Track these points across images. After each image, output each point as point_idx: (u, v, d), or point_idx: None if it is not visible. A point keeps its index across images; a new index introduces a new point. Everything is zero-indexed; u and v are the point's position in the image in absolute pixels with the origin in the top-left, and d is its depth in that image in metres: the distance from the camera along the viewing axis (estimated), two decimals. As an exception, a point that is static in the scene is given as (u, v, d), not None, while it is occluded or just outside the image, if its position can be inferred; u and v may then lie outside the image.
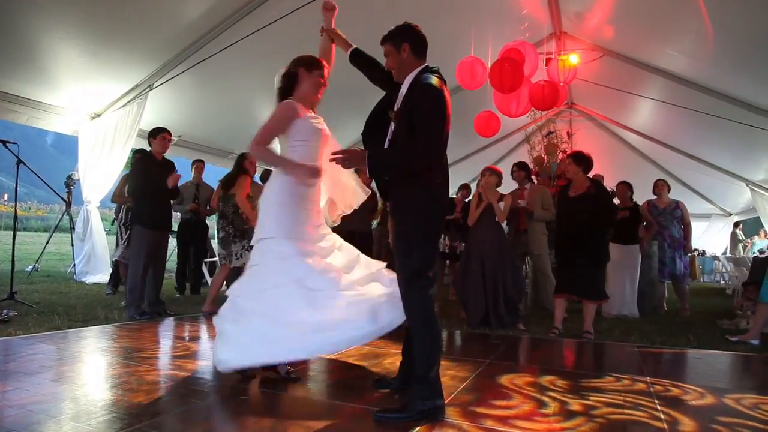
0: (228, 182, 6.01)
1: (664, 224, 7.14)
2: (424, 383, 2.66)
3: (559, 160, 8.15)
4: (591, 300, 5.26)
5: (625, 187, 7.05)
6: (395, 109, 2.88)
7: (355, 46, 3.37)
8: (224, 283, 5.98)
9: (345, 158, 2.79)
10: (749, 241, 13.95)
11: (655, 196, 7.33)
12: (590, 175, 5.43)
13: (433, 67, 2.91)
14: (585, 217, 5.15)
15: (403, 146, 2.77)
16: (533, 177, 7.40)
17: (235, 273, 5.60)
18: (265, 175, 7.40)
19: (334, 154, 2.82)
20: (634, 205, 6.92)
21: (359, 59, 3.33)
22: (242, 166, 6.01)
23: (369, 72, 3.29)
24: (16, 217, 6.21)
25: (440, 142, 2.71)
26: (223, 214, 6.01)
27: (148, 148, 6.01)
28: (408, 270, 2.74)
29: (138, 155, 6.41)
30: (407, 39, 2.91)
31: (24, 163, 5.89)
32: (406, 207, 2.80)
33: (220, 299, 3.97)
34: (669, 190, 7.39)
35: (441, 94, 2.73)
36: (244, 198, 5.84)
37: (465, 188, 8.62)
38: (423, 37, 2.95)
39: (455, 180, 8.90)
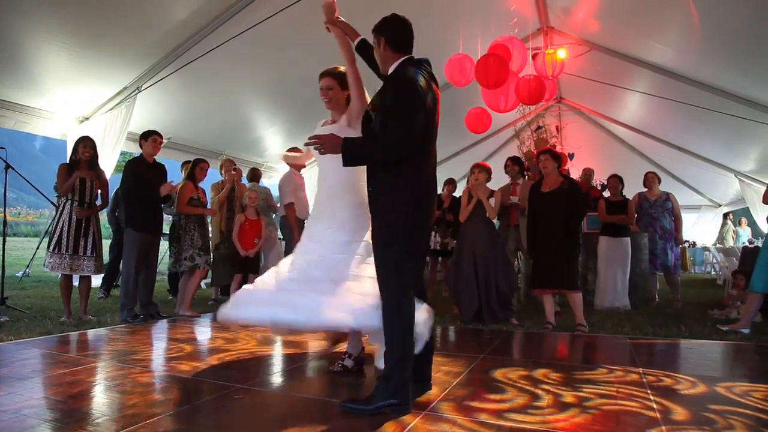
0: None
1: (655, 216, 7.17)
2: (388, 383, 2.68)
3: (533, 156, 8.17)
4: (567, 290, 5.32)
5: (616, 181, 7.09)
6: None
7: (362, 37, 3.30)
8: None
9: (320, 143, 2.79)
10: (734, 228, 14.08)
11: (646, 189, 7.37)
12: (581, 168, 5.47)
13: (419, 59, 2.91)
14: (559, 212, 5.26)
15: (377, 136, 2.77)
16: (525, 172, 7.42)
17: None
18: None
19: (309, 138, 2.85)
20: (623, 199, 6.96)
21: (365, 50, 3.25)
22: (189, 172, 6.27)
23: (372, 64, 3.21)
24: (5, 223, 6.14)
25: (413, 132, 2.66)
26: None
27: (136, 152, 5.97)
28: (384, 273, 2.78)
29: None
30: (383, 33, 2.93)
31: (13, 168, 5.85)
32: (385, 205, 2.80)
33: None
34: (659, 182, 7.43)
35: (412, 85, 2.72)
36: (182, 203, 5.98)
37: (450, 183, 8.62)
38: (403, 30, 2.93)
39: (445, 176, 8.94)
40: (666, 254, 7.08)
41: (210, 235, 6.44)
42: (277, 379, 3.44)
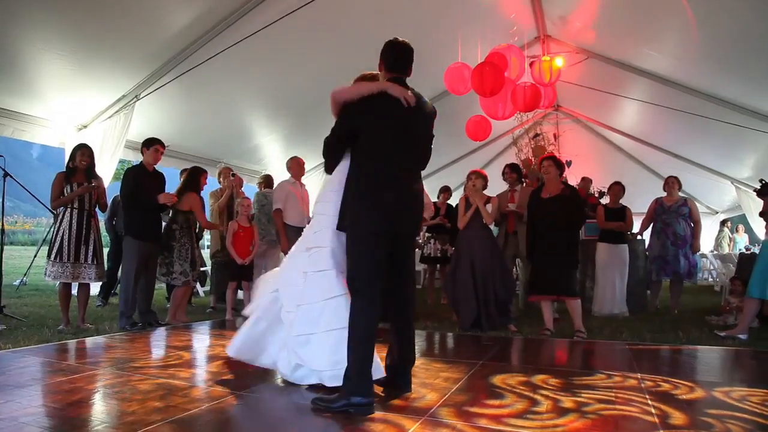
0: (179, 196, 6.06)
1: (668, 222, 7.10)
2: (348, 381, 2.81)
3: (535, 163, 8.19)
4: (566, 297, 5.33)
5: (619, 188, 7.10)
6: None
7: None
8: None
9: None
10: (731, 236, 14.10)
11: (665, 193, 7.32)
12: (579, 175, 5.50)
13: (399, 80, 3.12)
14: (559, 218, 5.27)
15: None
16: (523, 179, 7.45)
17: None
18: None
19: None
20: (621, 207, 6.98)
21: None
22: (190, 181, 6.20)
23: None
24: (3, 231, 6.12)
25: (330, 140, 3.15)
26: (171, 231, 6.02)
27: (134, 159, 5.97)
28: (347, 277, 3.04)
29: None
30: (382, 55, 3.19)
31: (11, 176, 5.84)
32: (348, 217, 3.04)
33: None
34: (680, 187, 7.36)
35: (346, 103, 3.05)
36: (205, 217, 6.06)
37: (446, 191, 8.67)
38: (396, 53, 3.17)
39: (444, 184, 8.99)
40: (678, 261, 6.96)
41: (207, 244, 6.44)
42: (275, 385, 3.44)
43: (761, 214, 5.60)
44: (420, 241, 8.99)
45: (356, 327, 2.87)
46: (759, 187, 5.47)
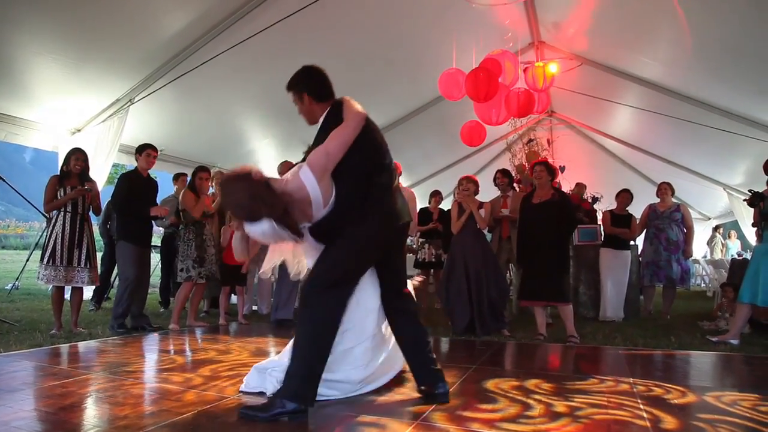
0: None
1: (661, 227, 7.17)
2: (289, 383, 2.74)
3: (524, 169, 8.24)
4: (557, 302, 5.35)
5: (627, 195, 7.19)
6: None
7: None
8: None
9: None
10: (723, 241, 14.20)
11: (659, 200, 7.39)
12: (572, 181, 5.55)
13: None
14: (549, 224, 5.30)
15: None
16: (516, 184, 7.48)
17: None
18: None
19: None
20: (628, 214, 7.05)
21: None
22: (190, 182, 6.22)
23: None
24: (-5, 235, 6.12)
25: None
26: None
27: (128, 163, 5.97)
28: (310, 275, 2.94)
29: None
30: (304, 88, 3.04)
31: (3, 180, 5.83)
32: None
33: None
34: (673, 192, 7.43)
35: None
36: (198, 211, 5.98)
37: (437, 195, 8.68)
38: (322, 79, 3.07)
39: (435, 189, 9.00)
40: (671, 266, 7.05)
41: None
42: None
43: (754, 225, 5.64)
44: (414, 246, 9.00)
45: (312, 329, 2.79)
46: (748, 198, 5.52)
